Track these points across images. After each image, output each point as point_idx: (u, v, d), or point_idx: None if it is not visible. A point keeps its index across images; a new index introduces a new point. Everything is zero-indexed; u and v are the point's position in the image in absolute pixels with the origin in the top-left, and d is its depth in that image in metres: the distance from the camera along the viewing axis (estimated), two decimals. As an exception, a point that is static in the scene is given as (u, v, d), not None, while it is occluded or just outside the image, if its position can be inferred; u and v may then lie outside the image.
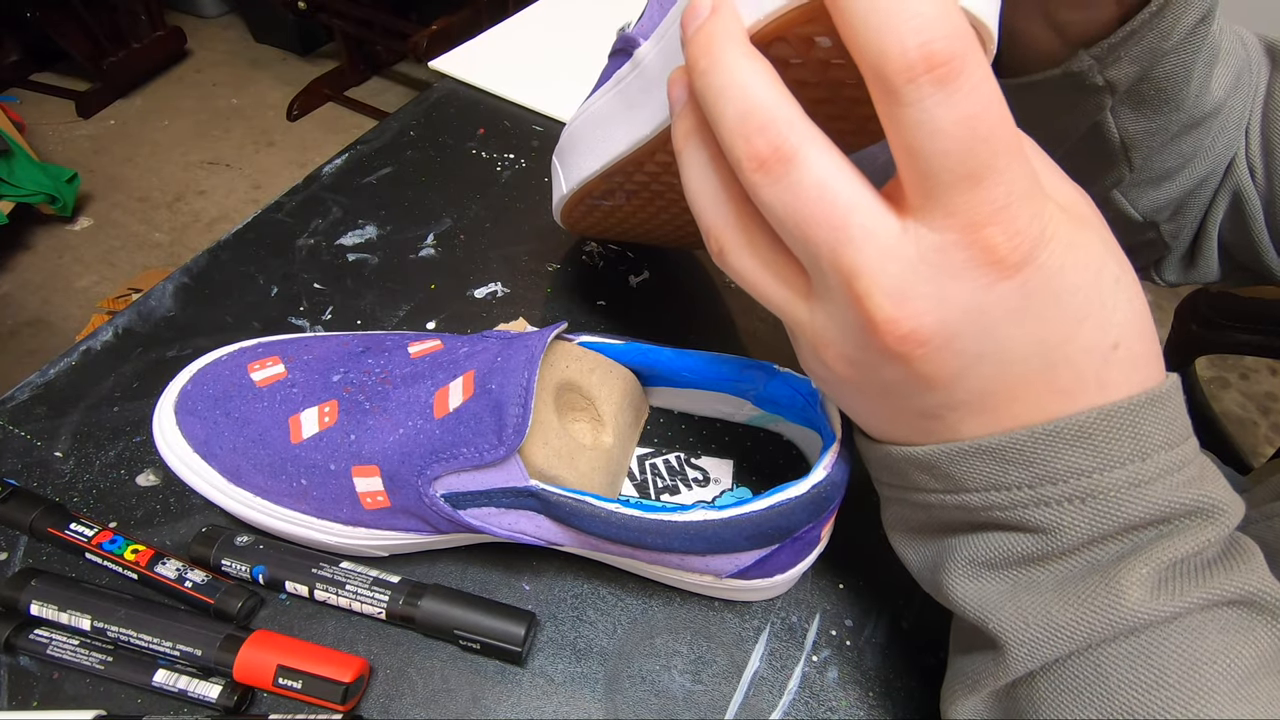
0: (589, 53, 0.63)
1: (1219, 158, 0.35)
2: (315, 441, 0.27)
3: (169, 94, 2.04)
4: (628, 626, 0.31)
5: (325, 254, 0.44)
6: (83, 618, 0.27)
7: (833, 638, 0.31)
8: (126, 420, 0.35)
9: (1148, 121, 0.32)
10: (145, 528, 0.32)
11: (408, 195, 0.48)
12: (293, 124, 1.98)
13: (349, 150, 0.51)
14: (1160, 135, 0.33)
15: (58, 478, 0.33)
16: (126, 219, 1.68)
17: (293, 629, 0.29)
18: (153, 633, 0.26)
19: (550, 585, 0.31)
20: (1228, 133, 0.35)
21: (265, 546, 0.29)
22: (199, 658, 0.26)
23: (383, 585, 0.28)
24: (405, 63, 2.18)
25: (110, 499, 0.32)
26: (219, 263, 0.43)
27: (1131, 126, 0.32)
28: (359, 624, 0.30)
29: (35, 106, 1.92)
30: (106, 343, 0.38)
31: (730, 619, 0.31)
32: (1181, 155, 0.34)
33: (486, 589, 0.31)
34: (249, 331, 0.39)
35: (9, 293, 1.50)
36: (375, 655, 0.29)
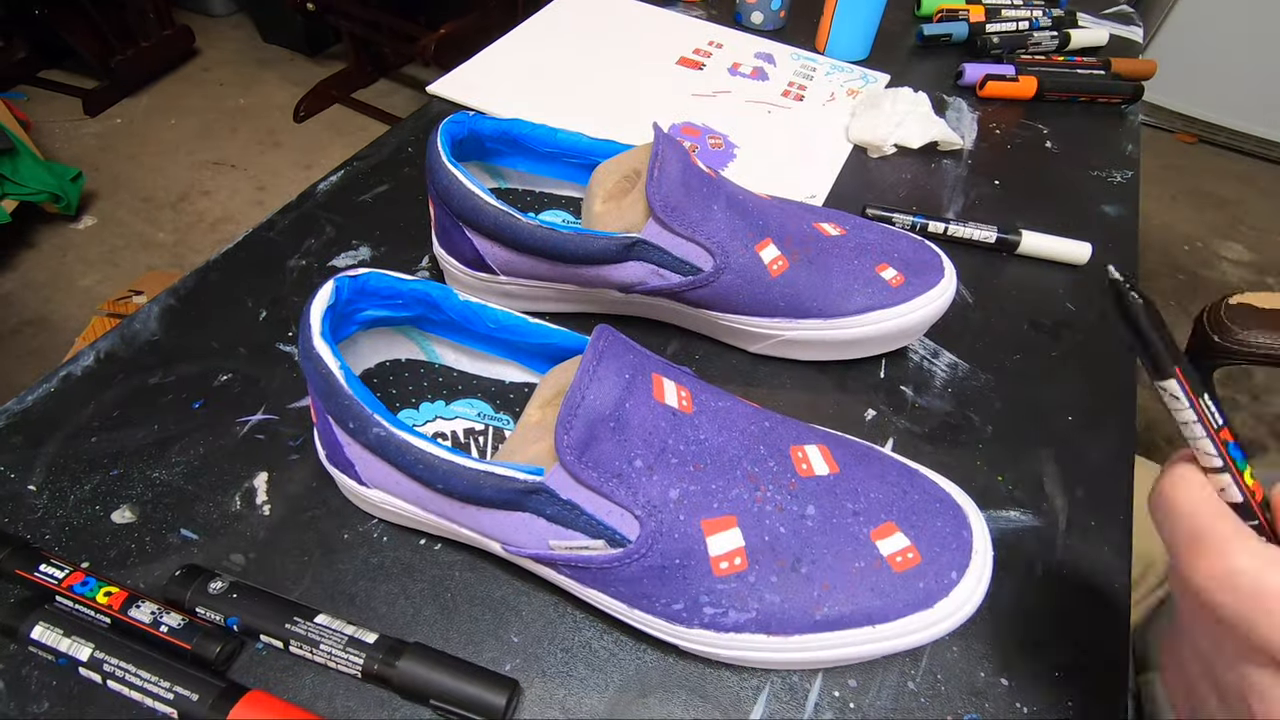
0: (583, 74, 0.62)
1: None
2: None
3: (176, 93, 2.03)
4: (620, 685, 0.29)
5: (317, 276, 0.42)
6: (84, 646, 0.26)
7: (835, 699, 0.29)
8: (104, 452, 0.34)
9: None
10: (119, 568, 0.30)
11: (403, 215, 0.47)
12: (299, 125, 1.97)
13: (344, 167, 0.49)
14: None
15: (30, 513, 0.32)
16: (131, 218, 1.67)
17: (269, 680, 0.28)
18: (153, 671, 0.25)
19: (539, 638, 0.30)
20: None
21: (240, 595, 0.28)
22: (193, 704, 0.25)
23: (357, 645, 0.26)
24: (413, 65, 2.17)
25: (83, 536, 0.31)
26: (207, 284, 0.41)
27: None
28: (337, 678, 0.28)
29: (42, 104, 1.92)
30: (87, 368, 0.37)
31: (728, 677, 0.30)
32: None
33: (473, 640, 0.30)
34: (235, 359, 0.38)
35: (11, 291, 1.49)
36: (353, 711, 0.27)
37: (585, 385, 0.27)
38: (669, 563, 0.27)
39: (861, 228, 0.41)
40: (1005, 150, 0.60)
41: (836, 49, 0.68)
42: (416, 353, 0.36)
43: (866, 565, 0.27)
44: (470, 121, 0.39)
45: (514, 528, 0.28)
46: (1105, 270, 0.23)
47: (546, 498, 0.26)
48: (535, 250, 0.36)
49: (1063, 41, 0.72)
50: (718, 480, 0.27)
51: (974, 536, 0.28)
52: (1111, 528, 0.36)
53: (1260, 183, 2.04)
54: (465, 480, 0.26)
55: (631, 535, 0.26)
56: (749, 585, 0.27)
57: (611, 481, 0.26)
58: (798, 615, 0.27)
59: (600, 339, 0.28)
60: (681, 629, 0.28)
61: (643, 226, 0.36)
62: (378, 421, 0.27)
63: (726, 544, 0.27)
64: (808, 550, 0.27)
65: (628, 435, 0.27)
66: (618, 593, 0.28)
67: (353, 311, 0.31)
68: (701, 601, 0.27)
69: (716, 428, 0.29)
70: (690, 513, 0.27)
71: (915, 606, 0.27)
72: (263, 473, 0.34)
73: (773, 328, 0.39)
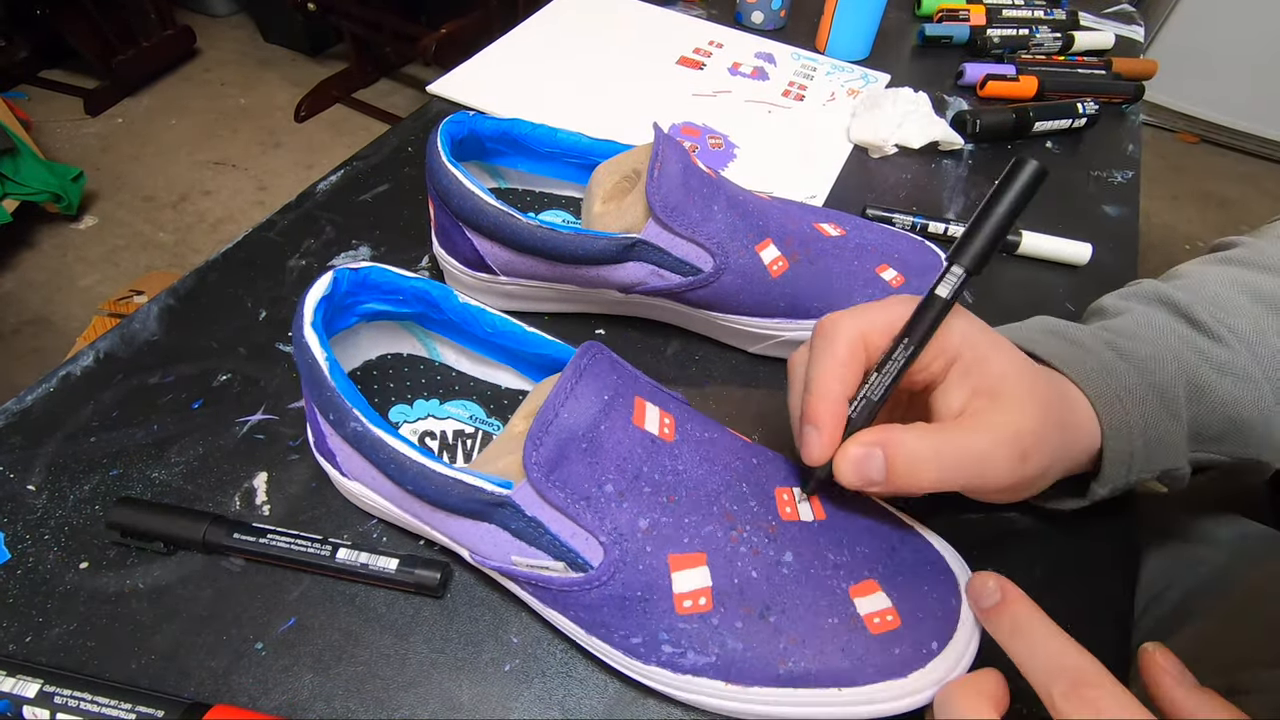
0: (583, 73, 0.62)
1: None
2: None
3: (177, 93, 2.03)
4: (619, 685, 0.29)
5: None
6: (32, 683, 0.25)
7: (836, 700, 0.29)
8: (104, 452, 0.34)
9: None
10: (118, 568, 0.30)
11: (403, 214, 0.47)
12: (300, 125, 1.97)
13: (344, 166, 0.49)
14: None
15: (29, 513, 0.32)
16: (131, 218, 1.67)
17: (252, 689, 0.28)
18: (111, 695, 0.25)
19: (539, 638, 0.30)
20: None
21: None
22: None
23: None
24: (414, 65, 2.17)
25: (83, 536, 0.31)
26: (206, 284, 0.41)
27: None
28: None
29: (43, 103, 1.92)
30: (87, 368, 0.37)
31: (728, 678, 0.29)
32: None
33: (473, 640, 0.30)
34: (234, 358, 0.38)
35: (11, 291, 1.49)
36: (352, 711, 0.27)
37: (560, 402, 0.26)
38: (630, 594, 0.26)
39: (862, 228, 0.41)
40: (1006, 150, 0.60)
41: (837, 49, 0.68)
42: (419, 348, 0.36)
43: (840, 622, 0.26)
44: (470, 121, 0.39)
45: (479, 538, 0.27)
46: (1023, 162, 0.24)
47: (511, 512, 0.26)
48: (536, 251, 0.36)
49: (1066, 44, 0.72)
50: (692, 514, 0.26)
51: (963, 606, 0.26)
52: (1112, 529, 0.36)
53: (1263, 183, 2.04)
54: (434, 485, 0.26)
55: (594, 560, 0.26)
56: (711, 628, 0.26)
57: (579, 504, 0.26)
58: (760, 666, 0.25)
59: (584, 356, 0.28)
60: (638, 664, 0.27)
61: (643, 227, 0.36)
62: (355, 416, 0.27)
63: (693, 582, 0.26)
64: (779, 599, 0.26)
65: (600, 458, 0.26)
66: (576, 617, 0.27)
67: (353, 304, 0.32)
68: (661, 639, 0.26)
69: (698, 459, 0.28)
70: (658, 545, 0.26)
71: (887, 674, 0.25)
72: (262, 473, 0.34)
73: (773, 328, 0.39)
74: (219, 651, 0.28)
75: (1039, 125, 0.60)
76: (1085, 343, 0.32)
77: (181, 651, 0.28)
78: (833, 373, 0.26)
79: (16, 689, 0.25)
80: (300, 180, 1.76)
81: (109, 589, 0.30)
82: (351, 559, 0.29)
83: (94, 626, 0.29)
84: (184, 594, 0.30)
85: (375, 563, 0.29)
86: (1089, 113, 0.61)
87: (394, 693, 0.28)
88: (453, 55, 0.57)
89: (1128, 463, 0.30)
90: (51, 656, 0.28)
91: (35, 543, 0.31)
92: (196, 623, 0.29)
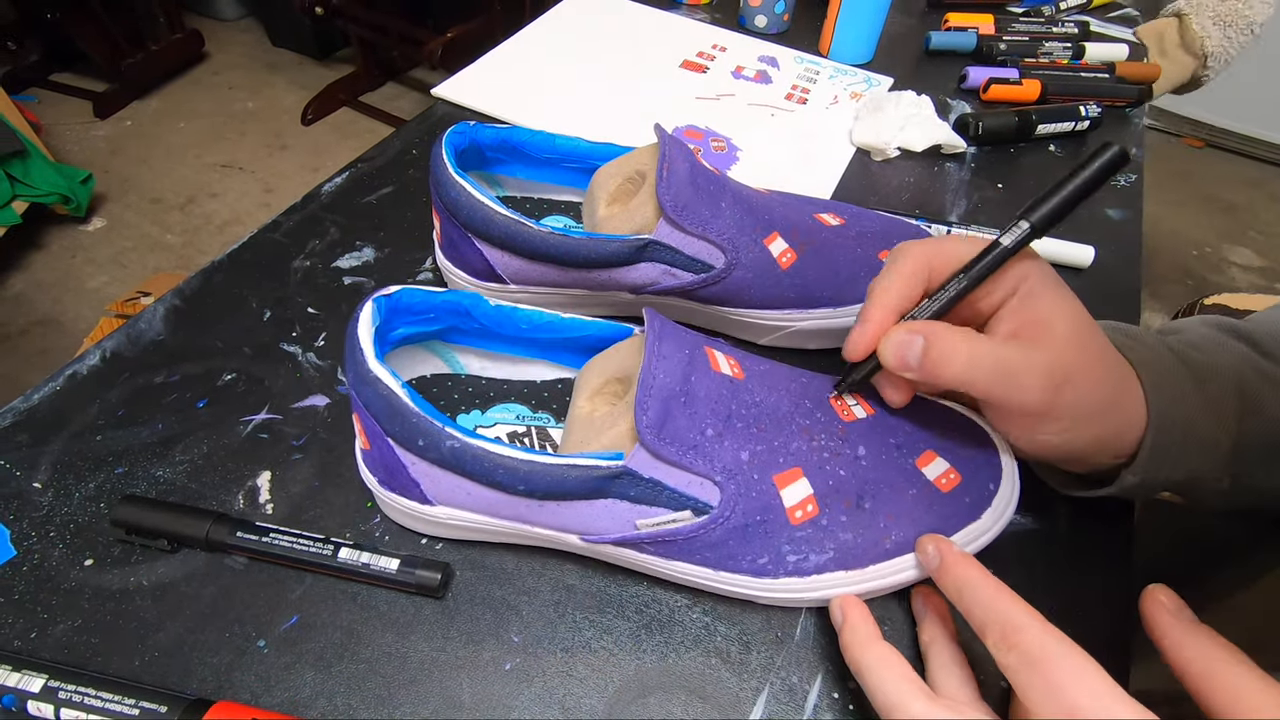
0: (587, 77, 0.62)
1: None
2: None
3: (185, 96, 2.05)
4: (620, 685, 0.29)
5: (321, 277, 0.43)
6: (37, 678, 0.25)
7: (835, 701, 0.29)
8: (109, 450, 0.34)
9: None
10: (123, 565, 0.31)
11: (407, 216, 0.47)
12: (307, 128, 1.98)
13: (349, 168, 0.50)
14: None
15: (35, 510, 0.32)
16: (139, 220, 1.68)
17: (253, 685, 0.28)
18: (115, 690, 0.25)
19: (539, 638, 0.30)
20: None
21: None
22: (161, 717, 0.25)
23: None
24: (420, 69, 2.19)
25: (87, 534, 0.31)
26: (211, 285, 0.42)
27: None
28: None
29: (53, 106, 1.94)
30: (93, 367, 0.37)
31: (727, 678, 0.30)
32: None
33: (474, 640, 0.30)
34: (239, 358, 0.38)
35: (21, 292, 1.51)
36: (353, 710, 0.28)
37: (654, 366, 0.28)
38: (750, 520, 0.28)
39: (859, 216, 0.41)
40: (1008, 153, 0.60)
41: (840, 52, 0.68)
42: (441, 366, 0.36)
43: (919, 491, 0.30)
44: (471, 132, 0.39)
45: (595, 516, 0.28)
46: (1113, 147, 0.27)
47: (630, 480, 0.27)
48: (548, 257, 0.36)
49: (1077, 54, 0.72)
50: (779, 437, 0.29)
51: (999, 450, 0.31)
52: (1112, 530, 0.35)
53: (1269, 187, 2.03)
54: (549, 477, 0.27)
55: (714, 501, 0.28)
56: (823, 528, 0.29)
57: (689, 453, 0.27)
58: (870, 548, 0.29)
59: (655, 322, 0.30)
60: (768, 581, 0.29)
61: (653, 227, 0.36)
62: (450, 435, 0.27)
63: (798, 494, 0.29)
64: (867, 487, 0.30)
65: (697, 407, 0.28)
66: (704, 559, 0.29)
67: (386, 331, 0.31)
68: (784, 551, 0.29)
69: (767, 389, 0.31)
70: (762, 471, 0.28)
71: (966, 519, 0.30)
72: (266, 472, 0.34)
73: (784, 319, 0.39)
74: (222, 649, 0.29)
75: (1042, 128, 0.60)
76: (1144, 339, 0.32)
77: (184, 648, 0.28)
78: (892, 284, 0.29)
79: (22, 684, 0.25)
80: (306, 182, 1.77)
81: (113, 586, 0.30)
82: (353, 559, 0.30)
83: (98, 623, 0.29)
84: (187, 591, 0.30)
85: (376, 563, 0.30)
86: (1092, 116, 0.61)
87: (395, 691, 0.28)
88: (459, 59, 0.58)
89: (1166, 456, 0.30)
90: (56, 652, 0.28)
91: (41, 540, 0.31)
92: (199, 620, 0.29)
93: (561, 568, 0.32)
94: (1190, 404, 0.30)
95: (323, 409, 0.37)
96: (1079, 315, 0.29)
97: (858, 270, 0.39)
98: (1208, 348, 0.33)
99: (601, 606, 0.31)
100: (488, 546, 0.32)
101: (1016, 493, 0.31)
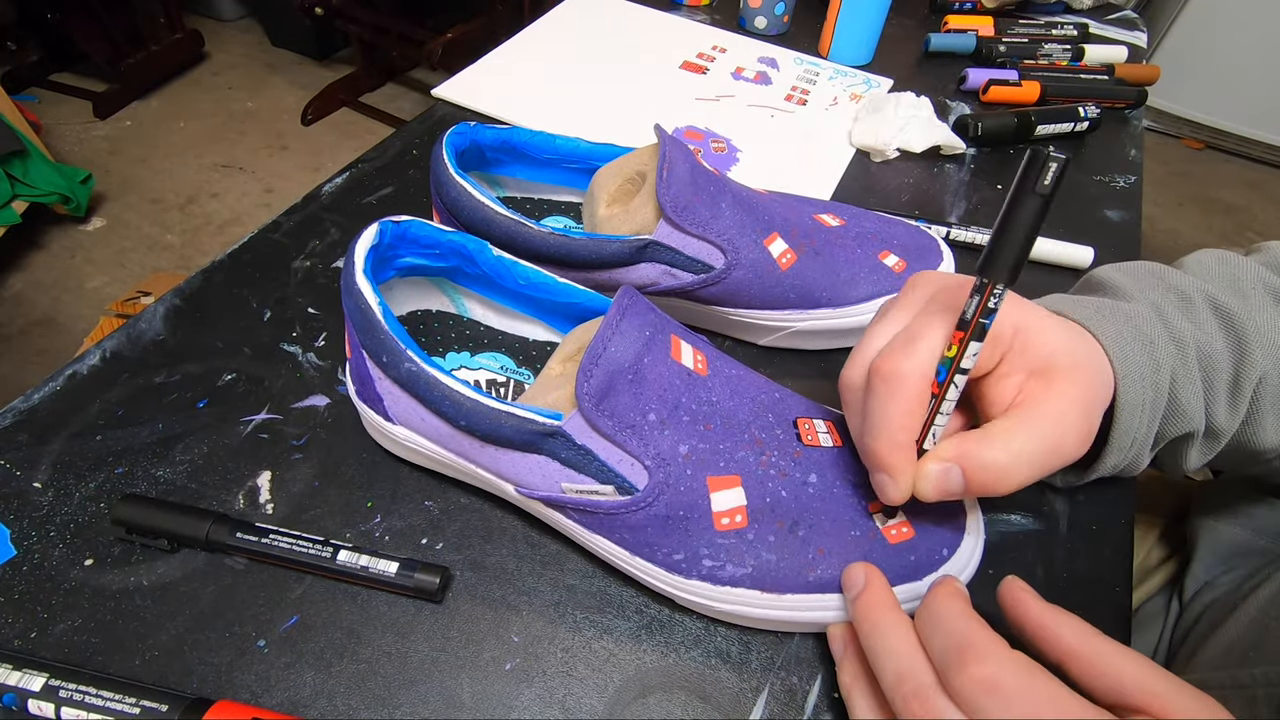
0: (587, 77, 0.63)
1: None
2: None
3: (185, 96, 2.05)
4: (619, 685, 0.29)
5: (321, 277, 0.43)
6: (37, 677, 0.25)
7: (835, 701, 0.29)
8: (109, 450, 0.34)
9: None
10: (123, 565, 0.31)
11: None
12: (307, 128, 1.98)
13: (349, 169, 0.50)
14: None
15: (35, 510, 0.32)
16: (139, 220, 1.68)
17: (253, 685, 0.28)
18: (115, 689, 0.25)
19: (539, 638, 0.30)
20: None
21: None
22: (161, 715, 0.25)
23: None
24: (420, 69, 2.18)
25: (87, 533, 0.31)
26: (212, 285, 0.42)
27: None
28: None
29: (53, 106, 1.93)
30: (93, 367, 0.37)
31: (727, 678, 0.30)
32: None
33: (474, 640, 0.30)
34: (239, 358, 0.38)
35: (20, 291, 1.50)
36: (353, 710, 0.28)
37: (608, 338, 0.28)
38: (673, 513, 0.28)
39: (859, 217, 0.41)
40: (1008, 155, 0.60)
41: (840, 53, 0.68)
42: (447, 305, 0.37)
43: (862, 535, 0.29)
44: (471, 132, 0.39)
45: (528, 469, 0.29)
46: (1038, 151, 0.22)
47: (562, 441, 0.28)
48: (549, 258, 0.36)
49: (1076, 56, 0.72)
50: (725, 441, 0.29)
51: (967, 517, 0.30)
52: (1112, 531, 0.36)
53: (1268, 189, 2.03)
54: (487, 419, 0.27)
55: (640, 484, 0.28)
56: (747, 542, 0.28)
57: (625, 431, 0.27)
58: (791, 575, 0.28)
59: (625, 297, 0.29)
60: (679, 579, 0.29)
61: (653, 228, 0.36)
62: (409, 357, 0.28)
63: (729, 501, 0.28)
64: (806, 515, 0.29)
65: (643, 389, 0.28)
66: (621, 539, 0.29)
67: (392, 256, 0.33)
68: (701, 554, 0.28)
69: (729, 392, 0.30)
70: (697, 468, 0.28)
71: (905, 578, 0.28)
72: (266, 472, 0.34)
73: (784, 320, 0.39)
74: (222, 648, 0.29)
75: (1041, 129, 0.60)
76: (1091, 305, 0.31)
77: (185, 648, 0.28)
78: (898, 421, 0.26)
79: (22, 683, 0.25)
80: (307, 183, 1.77)
81: (113, 585, 0.30)
82: (352, 561, 0.30)
83: (98, 622, 0.29)
84: (187, 591, 0.30)
85: (375, 565, 0.30)
86: (1090, 117, 0.61)
87: (395, 691, 0.28)
88: (459, 59, 0.58)
89: (1141, 411, 0.29)
90: (56, 651, 0.28)
91: (41, 539, 0.31)
92: (200, 620, 0.29)
93: (562, 568, 0.32)
94: (1151, 348, 0.29)
95: (323, 409, 0.37)
96: (1063, 332, 0.28)
97: (857, 271, 0.39)
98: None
99: (601, 606, 0.31)
100: (488, 547, 0.32)
101: (972, 566, 0.29)
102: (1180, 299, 0.32)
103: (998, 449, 0.26)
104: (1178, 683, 0.22)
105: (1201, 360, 0.30)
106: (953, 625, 0.23)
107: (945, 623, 0.24)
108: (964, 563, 0.29)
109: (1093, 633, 0.23)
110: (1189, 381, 0.30)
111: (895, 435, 0.26)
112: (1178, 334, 0.30)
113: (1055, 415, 0.26)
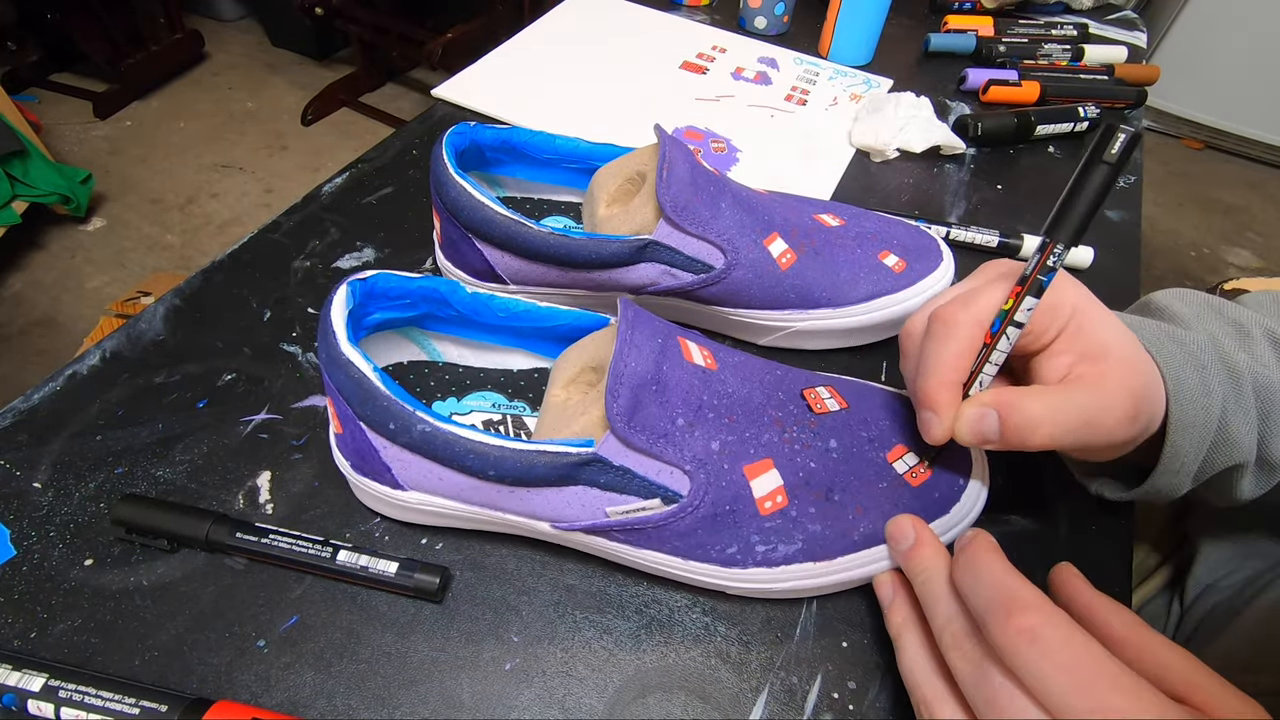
0: (587, 77, 0.63)
1: None
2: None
3: (185, 96, 2.05)
4: (619, 685, 0.29)
5: (321, 277, 0.43)
6: (37, 677, 0.25)
7: (835, 701, 0.29)
8: (109, 450, 0.34)
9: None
10: (123, 565, 0.31)
11: (408, 216, 0.47)
12: (307, 128, 1.98)
13: (349, 169, 0.50)
14: None
15: (35, 510, 0.32)
16: (139, 220, 1.68)
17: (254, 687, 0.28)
18: (115, 690, 0.25)
19: (539, 638, 0.30)
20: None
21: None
22: (161, 716, 0.25)
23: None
24: (420, 69, 2.18)
25: (87, 533, 0.31)
26: (212, 285, 0.42)
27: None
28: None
29: (53, 106, 1.93)
30: (93, 367, 0.37)
31: (727, 678, 0.30)
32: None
33: (473, 640, 0.30)
34: (239, 358, 0.38)
35: (20, 291, 1.50)
36: (353, 710, 0.28)
37: (626, 354, 0.28)
38: (720, 510, 0.28)
39: (859, 217, 0.41)
40: (1007, 154, 0.60)
41: (840, 54, 0.68)
42: (418, 353, 0.36)
43: (889, 485, 0.30)
44: (471, 132, 0.39)
45: (565, 503, 0.28)
46: (1118, 129, 0.24)
47: (600, 467, 0.27)
48: (548, 258, 0.36)
49: (1076, 56, 0.72)
50: (750, 428, 0.30)
51: (972, 459, 0.32)
52: (1112, 531, 0.36)
53: (1268, 189, 2.04)
54: (519, 462, 0.27)
55: (683, 490, 0.28)
56: (792, 519, 0.29)
57: (659, 442, 0.28)
58: (838, 539, 0.29)
59: (628, 310, 0.30)
60: (736, 571, 0.29)
61: (653, 228, 0.36)
62: (421, 419, 0.27)
63: (768, 485, 0.29)
64: (838, 479, 0.30)
65: (668, 396, 0.28)
66: (673, 548, 0.29)
67: (362, 315, 0.31)
68: (753, 541, 0.29)
69: (740, 380, 0.31)
70: (732, 461, 0.29)
71: (936, 513, 0.30)
72: (266, 472, 0.34)
73: (784, 320, 0.39)
74: (222, 648, 0.29)
75: (1040, 129, 0.60)
76: (1175, 320, 0.32)
77: (184, 648, 0.28)
78: (949, 362, 0.28)
79: (22, 683, 0.25)
80: (307, 183, 1.77)
81: (113, 585, 0.30)
82: (351, 561, 0.30)
83: (98, 622, 0.29)
84: (187, 591, 0.30)
85: (375, 565, 0.30)
86: (1090, 117, 0.61)
87: (395, 691, 0.28)
88: (459, 59, 0.58)
89: (1191, 431, 0.29)
90: (56, 652, 0.28)
91: (41, 539, 0.31)
92: (199, 620, 0.29)
93: (561, 568, 0.32)
94: (1205, 374, 0.29)
95: (323, 409, 0.37)
96: (1123, 330, 0.28)
97: (857, 271, 0.39)
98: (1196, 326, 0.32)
99: (601, 606, 0.31)
100: (488, 547, 0.32)
101: (985, 490, 0.31)
102: (1238, 331, 0.32)
103: (1037, 403, 0.27)
104: (1223, 681, 0.22)
105: (1258, 391, 0.30)
106: (995, 578, 0.24)
107: (986, 574, 0.24)
108: (978, 489, 0.31)
109: (1142, 624, 0.24)
110: (1241, 411, 0.30)
111: (945, 374, 0.28)
112: (1232, 364, 0.30)
113: (1100, 391, 0.27)
